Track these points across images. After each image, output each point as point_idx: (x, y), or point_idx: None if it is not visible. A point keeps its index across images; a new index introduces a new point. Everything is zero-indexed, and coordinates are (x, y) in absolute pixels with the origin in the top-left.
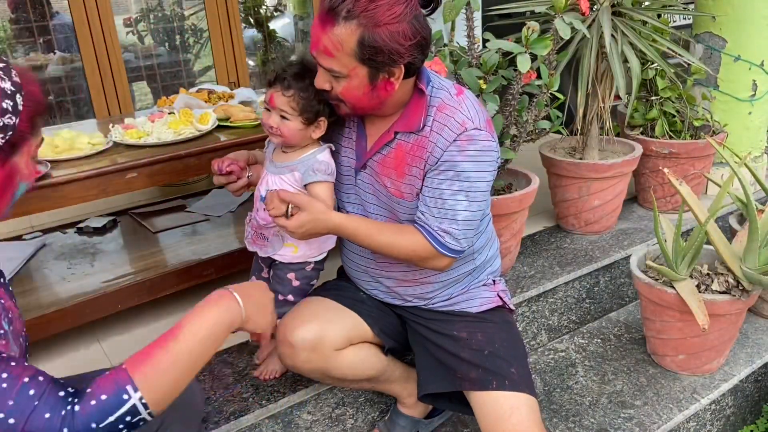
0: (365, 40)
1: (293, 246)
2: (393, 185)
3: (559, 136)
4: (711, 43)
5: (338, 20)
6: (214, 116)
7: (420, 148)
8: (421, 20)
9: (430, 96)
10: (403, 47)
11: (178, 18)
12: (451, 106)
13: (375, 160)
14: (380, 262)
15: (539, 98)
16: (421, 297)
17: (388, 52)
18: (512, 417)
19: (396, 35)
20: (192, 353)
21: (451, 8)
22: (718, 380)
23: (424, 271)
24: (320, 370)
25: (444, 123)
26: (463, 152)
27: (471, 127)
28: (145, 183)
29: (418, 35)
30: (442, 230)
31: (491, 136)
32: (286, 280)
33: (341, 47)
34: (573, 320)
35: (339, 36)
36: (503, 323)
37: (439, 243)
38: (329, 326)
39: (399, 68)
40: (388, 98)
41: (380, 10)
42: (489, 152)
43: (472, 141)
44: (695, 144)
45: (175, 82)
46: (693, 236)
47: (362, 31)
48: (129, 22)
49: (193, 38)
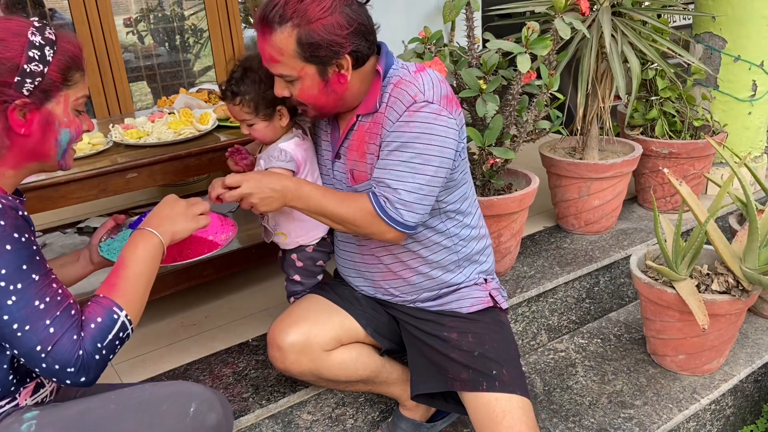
0: (303, 39)
1: (282, 234)
2: (356, 167)
3: (559, 136)
4: (711, 43)
5: (273, 26)
6: (214, 116)
7: (376, 125)
8: (355, 8)
9: (388, 76)
10: (340, 37)
11: (178, 18)
12: (407, 81)
13: (345, 147)
14: (365, 254)
15: (539, 98)
16: (406, 291)
17: (327, 45)
18: (504, 420)
19: (331, 27)
20: (142, 275)
21: (451, 8)
22: (718, 380)
23: (404, 263)
24: (311, 372)
25: (397, 97)
26: (409, 123)
27: (421, 100)
28: (145, 183)
29: (354, 23)
30: (384, 197)
31: (446, 111)
32: (290, 261)
33: (283, 51)
34: (573, 320)
35: (278, 41)
36: (494, 324)
37: (381, 208)
38: (317, 327)
39: (345, 59)
40: (345, 92)
41: (310, 8)
42: (438, 126)
43: (419, 112)
44: (695, 144)
45: (175, 82)
46: (693, 236)
47: (298, 31)
48: (129, 22)
49: (193, 38)
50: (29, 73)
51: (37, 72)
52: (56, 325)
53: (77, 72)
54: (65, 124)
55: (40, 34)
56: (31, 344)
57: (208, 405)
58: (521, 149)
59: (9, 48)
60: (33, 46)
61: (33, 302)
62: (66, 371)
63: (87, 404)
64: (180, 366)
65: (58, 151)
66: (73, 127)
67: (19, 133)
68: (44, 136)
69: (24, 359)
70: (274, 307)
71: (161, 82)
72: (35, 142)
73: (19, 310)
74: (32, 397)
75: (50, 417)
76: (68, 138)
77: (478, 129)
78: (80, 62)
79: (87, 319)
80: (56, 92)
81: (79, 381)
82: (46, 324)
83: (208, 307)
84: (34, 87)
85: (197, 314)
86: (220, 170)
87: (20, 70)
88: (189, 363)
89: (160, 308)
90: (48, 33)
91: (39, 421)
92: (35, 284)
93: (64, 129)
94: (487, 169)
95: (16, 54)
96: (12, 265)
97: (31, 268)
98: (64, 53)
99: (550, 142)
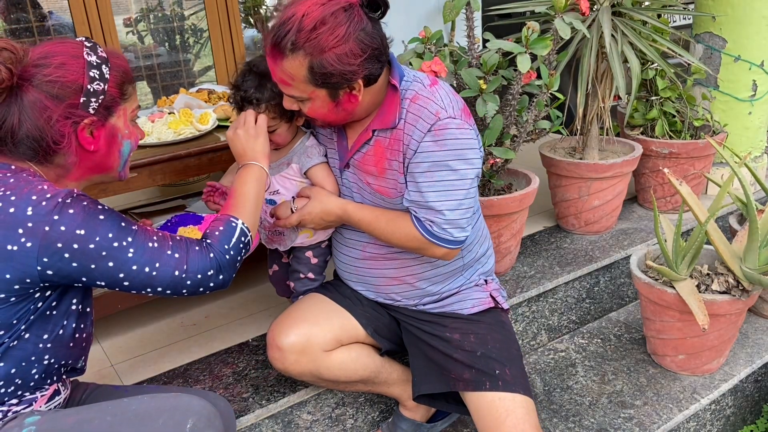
0: (315, 68)
1: (309, 231)
2: (376, 182)
3: (559, 136)
4: (711, 43)
5: (285, 53)
6: (214, 116)
7: (397, 142)
8: (370, 31)
9: (403, 90)
10: (354, 65)
11: (178, 18)
12: (425, 97)
13: (356, 158)
14: (366, 259)
15: (539, 98)
16: (410, 296)
17: (340, 74)
18: (508, 420)
19: (344, 57)
20: (250, 193)
21: (451, 8)
22: (718, 380)
23: (409, 268)
24: (311, 372)
25: (418, 114)
26: (437, 142)
27: (444, 117)
28: (145, 183)
29: (368, 49)
30: (428, 220)
31: (467, 123)
32: (304, 259)
33: (294, 77)
34: (573, 320)
35: (289, 68)
36: (496, 324)
37: (428, 232)
38: (316, 328)
39: (357, 83)
40: (356, 109)
41: (323, 37)
42: (467, 139)
43: (448, 129)
44: (695, 144)
45: (175, 82)
46: (693, 236)
47: (310, 60)
48: (129, 22)
49: (193, 38)
50: (92, 92)
51: (99, 90)
52: (177, 249)
53: (130, 85)
54: (126, 136)
55: (94, 54)
56: (168, 274)
57: (206, 421)
58: (521, 149)
59: (71, 71)
60: (92, 66)
61: (147, 244)
62: (208, 275)
63: (85, 414)
64: (180, 366)
65: (121, 162)
66: (133, 138)
67: (88, 150)
68: (110, 149)
69: (170, 290)
70: (274, 307)
71: (161, 82)
72: (102, 156)
73: (142, 256)
74: (47, 404)
75: (49, 424)
76: (129, 149)
77: (478, 129)
78: (131, 76)
79: (211, 231)
80: (116, 107)
81: (220, 280)
82: (168, 254)
83: (208, 307)
84: (98, 105)
85: (197, 314)
86: (220, 170)
87: (84, 91)
88: (189, 363)
89: (160, 308)
90: (100, 51)
91: (38, 427)
92: (139, 232)
93: (126, 141)
94: (487, 169)
95: (79, 76)
96: (114, 228)
97: (128, 224)
98: (118, 69)
99: (550, 142)
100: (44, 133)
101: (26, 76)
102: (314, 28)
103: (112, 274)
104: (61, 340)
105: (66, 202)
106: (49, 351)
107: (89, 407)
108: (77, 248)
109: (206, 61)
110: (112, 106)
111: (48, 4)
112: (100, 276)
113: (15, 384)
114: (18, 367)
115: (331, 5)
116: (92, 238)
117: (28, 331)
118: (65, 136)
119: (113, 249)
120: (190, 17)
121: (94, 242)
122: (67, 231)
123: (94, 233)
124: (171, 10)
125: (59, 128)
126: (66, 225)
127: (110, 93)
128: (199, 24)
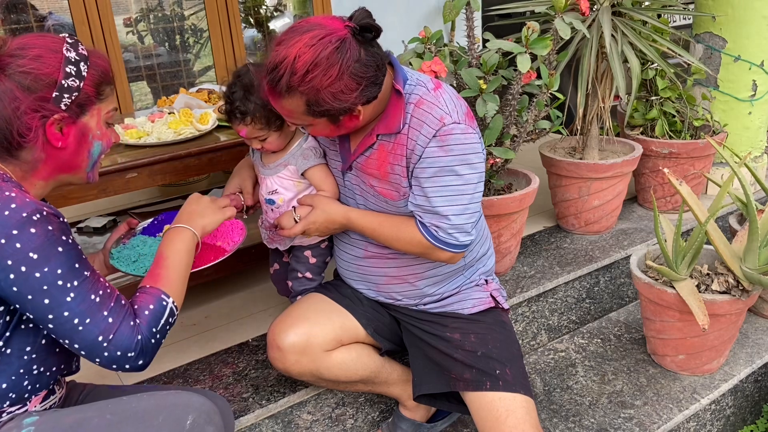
0: (312, 104)
1: None
2: (379, 185)
3: (559, 136)
4: (711, 43)
5: (282, 94)
6: (214, 116)
7: (400, 146)
8: (364, 60)
9: (407, 94)
10: (351, 98)
11: (178, 18)
12: (429, 102)
13: (359, 162)
14: (368, 258)
15: (539, 98)
16: (411, 296)
17: (338, 107)
18: (508, 420)
19: (340, 93)
20: (181, 265)
21: (451, 8)
22: (718, 380)
23: (411, 267)
24: (311, 372)
25: (422, 119)
26: (443, 147)
27: (449, 122)
28: (145, 183)
29: (363, 80)
30: (433, 225)
31: (471, 128)
32: (303, 259)
33: (293, 113)
34: (573, 320)
35: (287, 105)
36: (496, 324)
37: (433, 237)
38: (317, 328)
39: (357, 108)
40: (358, 124)
41: (317, 78)
42: (471, 144)
43: (453, 135)
44: (695, 144)
45: (175, 82)
46: (693, 236)
47: (306, 98)
48: (129, 22)
49: (193, 38)
50: (66, 88)
51: (74, 87)
52: (113, 315)
53: (108, 86)
54: (98, 137)
55: (74, 50)
56: (93, 336)
57: (206, 417)
58: (521, 149)
59: (47, 64)
60: (69, 62)
61: (89, 296)
62: (127, 356)
63: (85, 413)
64: (180, 366)
65: (89, 163)
66: (105, 140)
67: (56, 146)
68: (79, 148)
69: (84, 352)
70: (274, 307)
71: (161, 82)
72: (70, 154)
73: (78, 305)
74: (42, 404)
75: (48, 424)
76: (99, 150)
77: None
78: (110, 76)
79: (140, 307)
80: (90, 106)
81: (138, 365)
82: (104, 315)
83: (208, 307)
84: (71, 101)
85: (197, 314)
86: (220, 170)
87: (58, 86)
88: (189, 363)
89: None
90: (81, 49)
91: (37, 427)
92: (88, 280)
93: (96, 141)
94: (487, 169)
95: (54, 70)
96: (66, 265)
97: (82, 266)
98: (97, 68)
99: (550, 142)
100: (10, 124)
101: (0, 65)
102: (307, 72)
103: (44, 312)
104: (45, 349)
105: (32, 219)
106: (36, 361)
107: (88, 406)
108: (24, 272)
109: (206, 61)
110: (85, 105)
111: (48, 4)
112: (32, 309)
113: (10, 399)
114: (8, 382)
115: (323, 45)
116: (41, 267)
117: (8, 346)
118: (32, 129)
119: (56, 287)
120: (190, 17)
121: (41, 272)
122: (21, 250)
123: (45, 262)
124: (171, 10)
125: (26, 120)
126: (22, 243)
127: (85, 91)
128: (199, 24)
